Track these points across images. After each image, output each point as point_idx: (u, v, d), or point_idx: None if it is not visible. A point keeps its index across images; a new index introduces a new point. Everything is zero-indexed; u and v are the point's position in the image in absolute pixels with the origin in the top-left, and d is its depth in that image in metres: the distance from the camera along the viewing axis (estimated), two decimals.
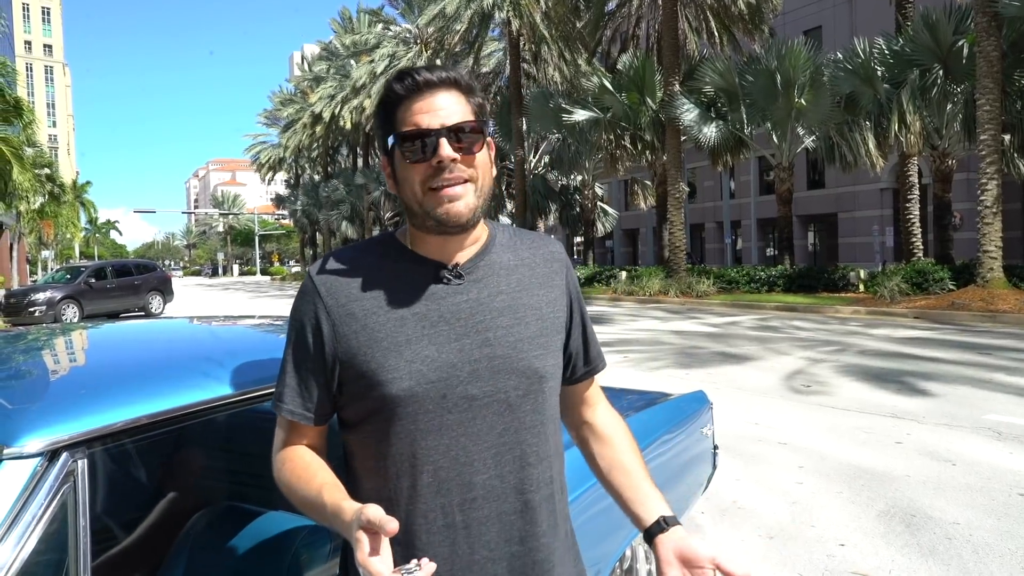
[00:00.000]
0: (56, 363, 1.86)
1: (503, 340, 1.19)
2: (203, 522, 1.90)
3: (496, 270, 1.24)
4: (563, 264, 1.33)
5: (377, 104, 1.21)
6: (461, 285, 1.20)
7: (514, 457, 1.19)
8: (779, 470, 5.01)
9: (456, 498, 1.15)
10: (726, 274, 22.12)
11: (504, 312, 1.21)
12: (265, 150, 65.01)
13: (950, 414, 6.36)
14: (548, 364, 1.23)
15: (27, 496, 1.16)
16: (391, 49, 39.41)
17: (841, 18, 32.76)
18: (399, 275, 1.20)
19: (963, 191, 24.57)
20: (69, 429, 1.25)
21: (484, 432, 1.17)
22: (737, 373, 8.83)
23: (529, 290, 1.26)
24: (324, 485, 1.12)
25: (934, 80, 17.00)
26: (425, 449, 1.15)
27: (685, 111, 21.49)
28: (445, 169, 1.14)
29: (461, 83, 1.18)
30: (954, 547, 3.64)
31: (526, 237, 1.34)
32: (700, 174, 39.61)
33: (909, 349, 10.32)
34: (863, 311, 15.72)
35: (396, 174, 1.20)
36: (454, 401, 1.16)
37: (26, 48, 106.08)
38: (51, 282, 22.14)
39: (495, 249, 1.26)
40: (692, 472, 3.23)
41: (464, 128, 1.15)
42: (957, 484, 4.57)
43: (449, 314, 1.18)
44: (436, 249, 1.21)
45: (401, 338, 1.16)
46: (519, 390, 1.19)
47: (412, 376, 1.14)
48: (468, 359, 1.17)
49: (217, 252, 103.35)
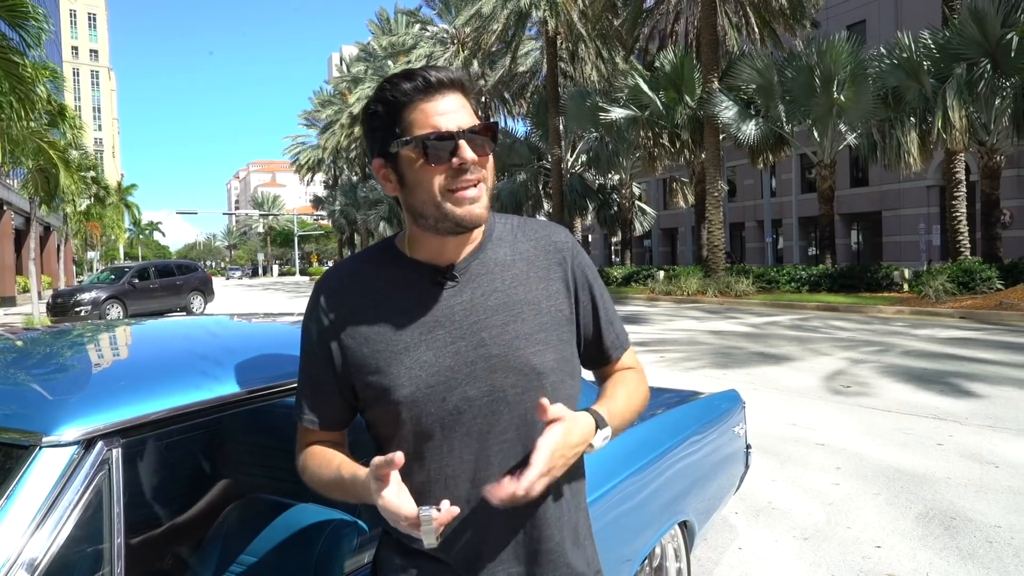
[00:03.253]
0: (96, 357, 1.92)
1: (498, 339, 1.20)
2: (236, 513, 1.95)
3: (490, 267, 1.25)
4: (566, 252, 1.31)
5: (374, 102, 1.18)
6: (456, 287, 1.22)
7: (515, 453, 1.20)
8: (816, 471, 4.94)
9: (464, 495, 1.19)
10: (766, 273, 21.85)
11: (499, 310, 1.22)
12: (304, 151, 65.87)
13: (994, 416, 6.22)
14: (547, 359, 1.23)
15: (64, 483, 1.21)
16: (428, 49, 39.61)
17: (886, 12, 32.15)
18: (396, 283, 1.23)
19: (1013, 188, 23.97)
20: (105, 419, 1.30)
21: (486, 431, 1.19)
22: (776, 373, 8.72)
23: (526, 284, 1.25)
24: (343, 462, 1.22)
25: (981, 74, 16.59)
26: (431, 450, 1.20)
27: (724, 108, 21.28)
28: (466, 171, 1.14)
29: (466, 85, 1.19)
30: (995, 551, 3.56)
31: (529, 228, 1.32)
32: (740, 172, 39.16)
33: (953, 350, 10.09)
34: (907, 311, 15.41)
35: (404, 177, 1.18)
36: (454, 403, 1.18)
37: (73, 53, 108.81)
38: (96, 282, 22.69)
39: (490, 245, 1.27)
40: (724, 471, 3.21)
41: (477, 130, 1.16)
42: (1000, 487, 4.47)
43: (444, 318, 1.20)
44: (434, 251, 1.23)
45: (400, 346, 1.19)
46: (517, 388, 1.20)
47: (412, 382, 1.18)
48: (465, 361, 1.19)
49: (257, 252, 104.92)
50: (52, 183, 18.84)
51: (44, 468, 1.21)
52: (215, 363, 1.73)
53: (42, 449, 1.23)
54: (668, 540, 2.69)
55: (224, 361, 1.69)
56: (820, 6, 25.80)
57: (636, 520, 2.30)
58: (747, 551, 3.70)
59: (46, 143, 17.32)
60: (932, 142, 17.98)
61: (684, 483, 2.72)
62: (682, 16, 28.73)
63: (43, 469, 1.21)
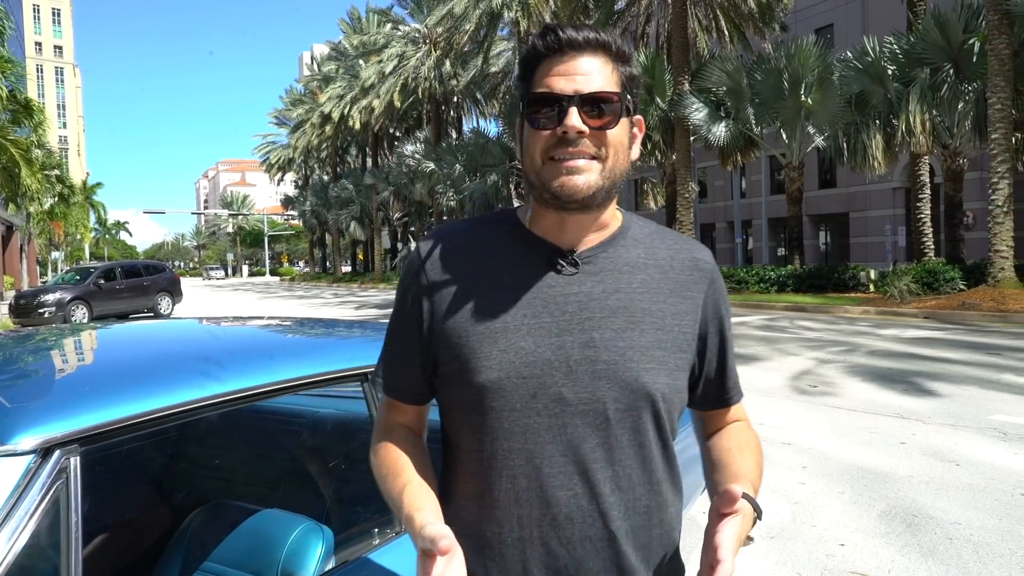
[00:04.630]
0: (55, 363, 1.90)
1: (611, 344, 1.05)
2: (199, 520, 1.93)
3: (619, 265, 1.10)
4: (707, 275, 1.15)
5: (520, 61, 1.09)
6: (575, 275, 1.08)
7: (605, 478, 1.05)
8: (782, 470, 5.01)
9: (536, 512, 1.05)
10: (735, 274, 22.07)
11: (617, 312, 1.07)
12: (275, 150, 65.32)
13: (956, 414, 6.34)
14: (660, 381, 1.07)
15: (20, 492, 1.19)
16: (400, 49, 39.48)
17: (853, 16, 32.61)
18: (509, 256, 1.10)
19: (975, 190, 24.41)
20: (62, 427, 1.28)
21: (575, 443, 1.04)
22: (744, 373, 8.77)
23: (655, 294, 1.10)
24: (407, 485, 1.06)
25: (945, 78, 16.91)
26: (506, 451, 1.05)
27: (694, 110, 21.45)
28: (571, 142, 1.02)
29: (612, 48, 1.05)
30: (954, 547, 3.64)
31: (669, 237, 1.18)
32: (711, 173, 39.48)
33: (917, 349, 10.28)
34: (872, 311, 15.66)
35: (522, 139, 1.07)
36: (544, 403, 1.04)
37: (36, 49, 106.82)
38: (60, 283, 22.19)
39: (625, 242, 1.13)
40: (691, 472, 3.23)
41: (601, 99, 1.02)
42: (960, 484, 4.56)
43: (555, 305, 1.06)
44: (554, 229, 1.09)
45: (499, 325, 1.06)
46: (620, 403, 1.05)
47: (503, 367, 1.04)
48: (566, 358, 1.04)
49: (227, 253, 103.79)
50: (15, 182, 18.49)
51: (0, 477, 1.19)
52: (180, 368, 1.71)
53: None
54: None
55: (190, 366, 1.68)
56: (789, 9, 26.09)
57: None
58: None
59: (8, 140, 16.99)
60: (897, 145, 18.30)
61: None
62: (653, 18, 28.94)
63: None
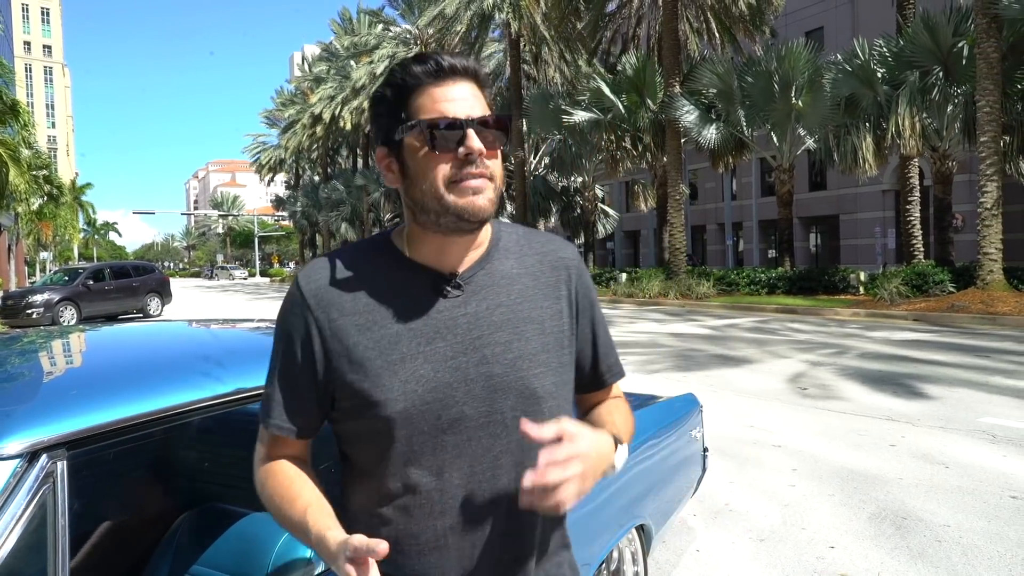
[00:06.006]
0: (44, 366, 1.88)
1: (501, 357, 1.12)
2: (188, 523, 1.92)
3: (497, 280, 1.16)
4: (572, 270, 1.23)
5: (383, 86, 1.11)
6: (460, 297, 1.13)
7: (509, 480, 1.12)
8: (772, 473, 5.02)
9: (449, 521, 1.11)
10: (726, 276, 22.15)
11: (503, 326, 1.13)
12: (265, 151, 65.16)
13: (945, 417, 6.37)
14: (547, 383, 1.15)
15: (6, 497, 1.18)
16: (391, 50, 39.47)
17: (843, 19, 32.79)
18: (393, 285, 1.13)
19: (964, 193, 24.57)
20: (49, 431, 1.28)
21: (480, 454, 1.11)
22: (735, 376, 8.84)
23: (532, 301, 1.17)
24: (309, 507, 1.07)
25: (934, 82, 17.01)
26: (419, 471, 1.10)
27: (685, 112, 21.53)
28: (473, 163, 1.06)
29: (480, 75, 1.11)
30: (943, 549, 3.65)
31: (536, 240, 1.24)
32: (702, 176, 39.62)
33: (907, 352, 10.33)
34: (862, 313, 15.73)
35: (407, 166, 1.10)
36: (449, 422, 1.10)
37: (25, 49, 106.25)
38: (49, 284, 22.07)
39: (498, 254, 1.18)
40: (682, 474, 3.24)
41: (489, 122, 1.08)
42: (949, 487, 4.58)
43: (446, 329, 1.11)
44: (435, 253, 1.13)
45: (395, 356, 1.09)
46: (516, 410, 1.12)
47: (407, 397, 1.08)
48: (464, 378, 1.10)
49: (216, 253, 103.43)
50: (2, 182, 18.35)
51: None
52: (169, 372, 1.70)
53: None
54: (625, 544, 2.71)
55: (179, 369, 1.67)
56: (779, 12, 26.23)
57: (593, 525, 2.31)
58: (705, 553, 3.74)
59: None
60: (887, 147, 18.37)
61: (641, 487, 2.75)
62: (644, 20, 29.03)
63: None
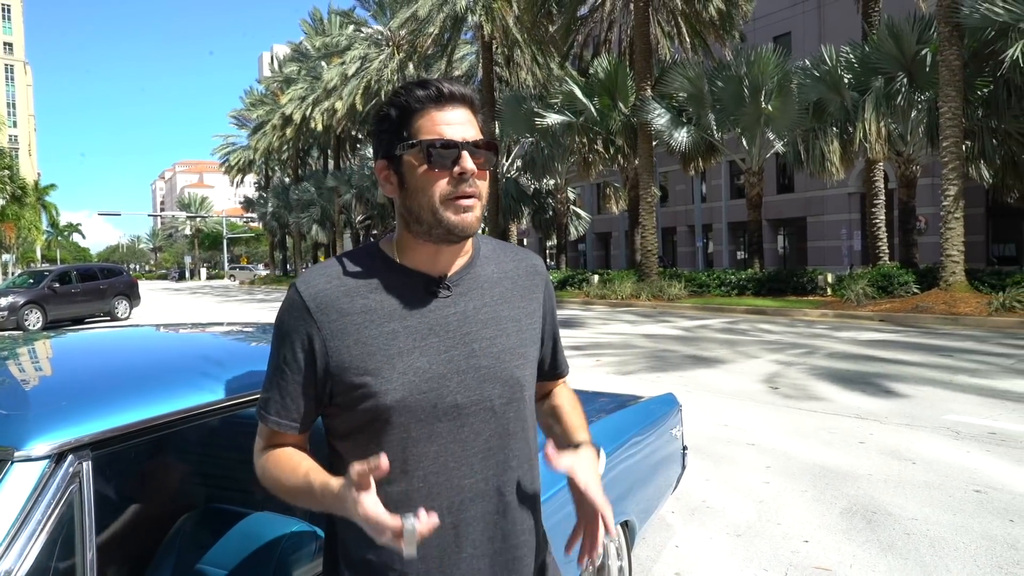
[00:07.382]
0: (60, 368, 1.92)
1: (487, 351, 1.26)
2: (190, 523, 1.96)
3: (481, 282, 1.31)
4: (543, 278, 1.42)
5: (387, 106, 1.24)
6: (449, 297, 1.26)
7: (498, 461, 1.26)
8: (747, 470, 5.15)
9: (445, 502, 1.21)
10: (697, 278, 22.38)
11: (488, 324, 1.28)
12: (235, 152, 64.37)
13: (911, 415, 6.56)
14: (526, 373, 1.32)
15: (36, 497, 1.23)
16: (363, 51, 39.24)
17: (810, 25, 33.28)
18: (388, 287, 1.24)
19: (927, 196, 25.07)
20: (74, 432, 1.32)
21: (472, 438, 1.24)
22: (708, 376, 8.98)
23: (511, 302, 1.33)
24: (310, 470, 1.18)
25: (899, 88, 17.36)
26: (416, 456, 1.21)
27: (656, 116, 21.72)
28: (466, 182, 1.20)
29: (475, 102, 1.25)
30: (912, 542, 3.79)
31: (509, 250, 1.41)
32: (672, 178, 39.92)
33: (874, 352, 10.56)
34: (830, 314, 16.02)
35: (405, 180, 1.23)
36: (444, 410, 1.22)
37: None
38: (13, 286, 21.63)
39: (480, 262, 1.33)
40: (662, 472, 3.34)
41: (481, 145, 1.22)
42: (916, 482, 4.74)
43: (438, 326, 1.24)
44: (426, 260, 1.26)
45: (393, 350, 1.20)
46: (503, 398, 1.27)
47: (405, 387, 1.19)
48: (456, 369, 1.23)
49: (184, 255, 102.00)
50: None
51: (15, 483, 1.23)
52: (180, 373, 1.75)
53: (13, 464, 1.25)
54: (610, 540, 2.79)
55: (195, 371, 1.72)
56: (748, 17, 26.55)
57: None
58: (684, 549, 3.84)
59: None
60: (853, 152, 18.71)
61: (625, 484, 2.83)
62: (616, 24, 29.25)
63: (14, 484, 1.23)
